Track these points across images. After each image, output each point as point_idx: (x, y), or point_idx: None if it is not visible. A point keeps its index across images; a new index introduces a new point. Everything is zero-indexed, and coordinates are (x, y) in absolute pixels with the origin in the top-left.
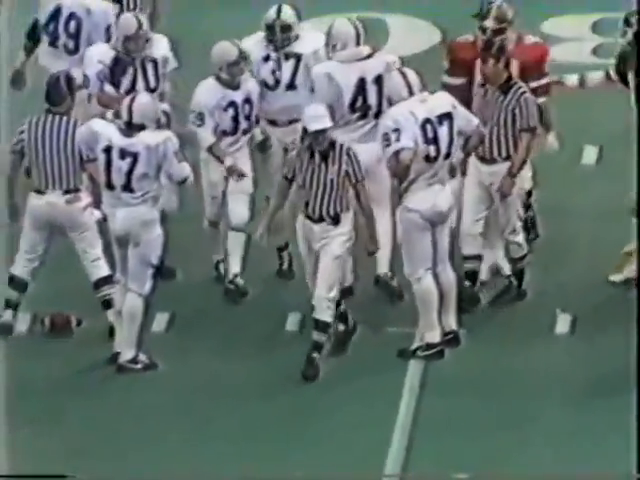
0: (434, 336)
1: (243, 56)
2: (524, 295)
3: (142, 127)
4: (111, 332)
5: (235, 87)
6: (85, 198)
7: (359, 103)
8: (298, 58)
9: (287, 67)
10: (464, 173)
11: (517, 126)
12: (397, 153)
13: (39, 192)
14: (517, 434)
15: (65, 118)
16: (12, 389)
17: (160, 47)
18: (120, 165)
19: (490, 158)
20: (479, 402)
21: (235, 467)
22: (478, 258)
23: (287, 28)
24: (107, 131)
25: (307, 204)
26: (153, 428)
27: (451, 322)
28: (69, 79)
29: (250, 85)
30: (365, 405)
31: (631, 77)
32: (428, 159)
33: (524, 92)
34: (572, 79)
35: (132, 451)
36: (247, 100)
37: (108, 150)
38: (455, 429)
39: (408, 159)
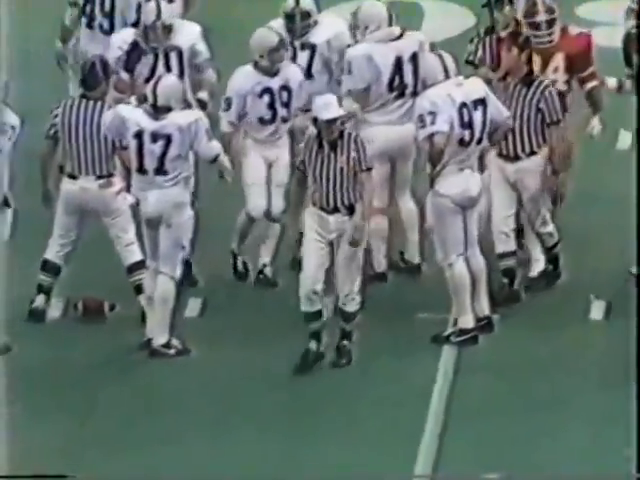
0: (467, 321)
1: (283, 43)
2: (558, 276)
3: (168, 109)
4: (143, 317)
5: (273, 74)
6: (118, 183)
7: (397, 82)
8: (313, 48)
9: (303, 57)
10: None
11: (545, 120)
12: (431, 136)
13: (72, 177)
14: (551, 419)
15: (100, 103)
16: (44, 374)
17: (189, 36)
18: (152, 149)
19: (514, 155)
20: (512, 387)
21: (264, 455)
22: (513, 255)
23: (306, 15)
24: (135, 116)
25: (320, 195)
26: (184, 414)
27: (484, 308)
28: (104, 64)
29: (290, 72)
30: (398, 391)
31: (635, 59)
32: (462, 143)
33: (547, 86)
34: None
35: (163, 436)
36: (285, 87)
37: (139, 135)
38: (488, 414)
39: (442, 143)
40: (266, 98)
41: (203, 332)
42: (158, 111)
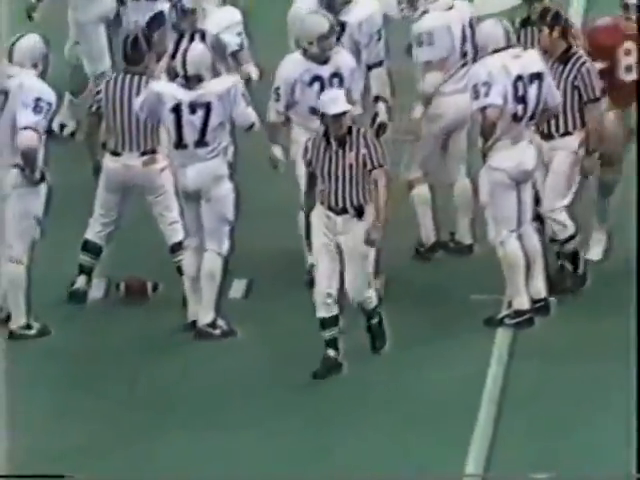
0: (522, 302)
1: (333, 29)
2: (583, 281)
3: (199, 79)
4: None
5: (323, 61)
6: (162, 160)
7: (465, 50)
8: (343, 27)
9: None
10: None
11: (582, 98)
12: (483, 109)
13: (115, 154)
14: (607, 402)
15: (144, 78)
16: (85, 357)
17: (217, 24)
18: (192, 120)
19: (548, 133)
20: (569, 371)
21: (310, 439)
22: (573, 238)
23: None
24: (170, 89)
25: (328, 195)
26: (228, 397)
27: (540, 289)
28: (147, 37)
29: (340, 59)
30: (452, 375)
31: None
32: (515, 118)
33: (585, 62)
34: None
35: (205, 420)
36: (336, 74)
37: (177, 108)
38: (543, 400)
39: (495, 117)
40: (316, 86)
41: (248, 314)
42: (190, 82)
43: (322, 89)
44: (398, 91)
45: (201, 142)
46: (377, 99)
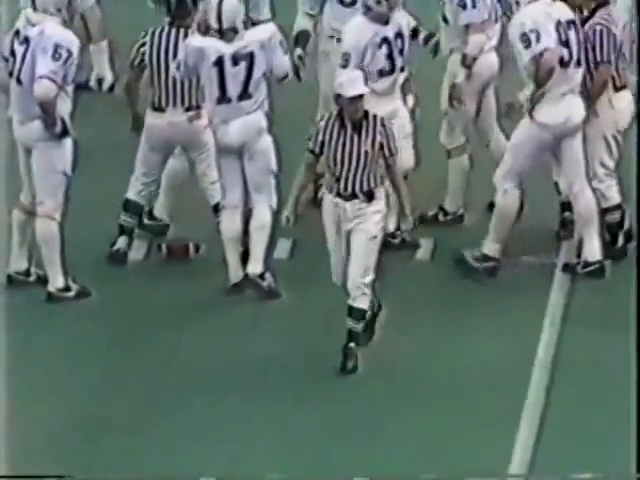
0: (494, 250)
1: None
2: (622, 254)
3: (234, 30)
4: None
5: (385, 22)
6: (205, 116)
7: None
8: None
9: None
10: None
11: (594, 59)
12: (539, 55)
13: (158, 110)
14: None
15: (189, 31)
16: (125, 320)
17: None
18: (235, 72)
19: None
20: (622, 337)
21: (359, 409)
22: (618, 208)
23: None
24: (211, 43)
25: (337, 180)
26: (270, 361)
27: (595, 251)
28: None
29: (399, 18)
30: (504, 340)
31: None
32: (562, 63)
33: (599, 23)
34: None
35: (248, 385)
36: (399, 34)
37: (220, 61)
38: (597, 365)
39: (553, 60)
40: (384, 48)
41: (292, 274)
42: (225, 35)
43: (389, 51)
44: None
45: (244, 95)
46: None
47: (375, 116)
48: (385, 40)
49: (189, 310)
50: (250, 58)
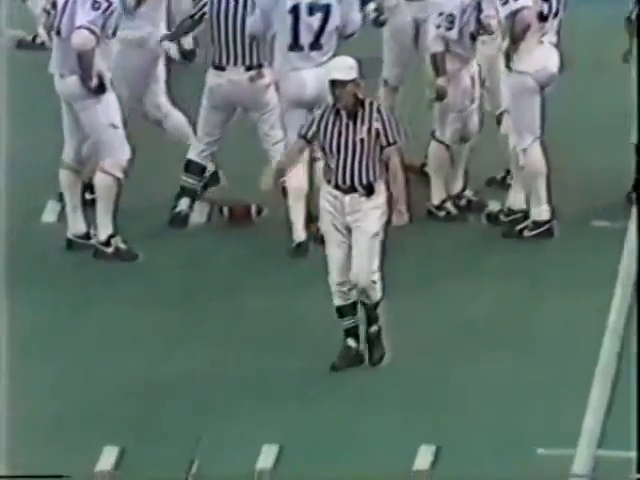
0: (541, 213)
1: None
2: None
3: None
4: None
5: None
6: (269, 75)
7: None
8: None
9: None
10: None
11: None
12: (515, 13)
13: (219, 68)
14: None
15: None
16: (187, 282)
17: None
18: (310, 22)
19: None
20: None
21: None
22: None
23: None
24: None
25: (336, 171)
26: (334, 325)
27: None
28: None
29: None
30: (576, 301)
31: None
32: (541, 17)
33: None
34: None
35: (313, 349)
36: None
37: (295, 9)
38: None
39: (529, 19)
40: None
41: None
42: None
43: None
44: None
45: (316, 45)
46: None
47: (372, 103)
48: (479, 4)
49: (252, 272)
50: (326, 10)
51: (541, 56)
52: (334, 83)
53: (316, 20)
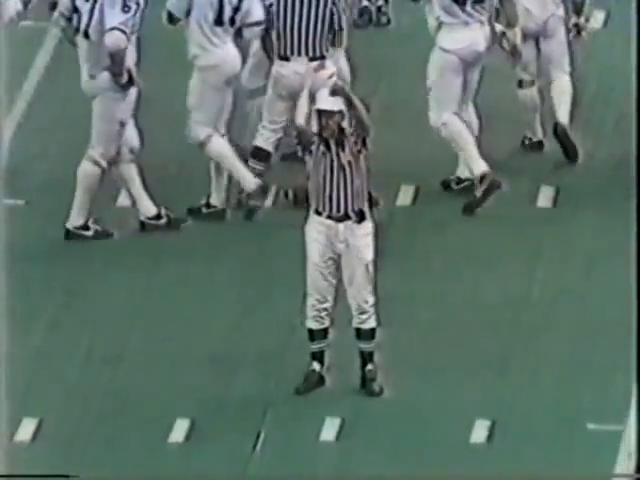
0: (480, 166)
1: None
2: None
3: None
4: None
5: None
6: (331, 66)
7: None
8: None
9: None
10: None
11: None
12: None
13: (283, 58)
14: None
15: None
16: (255, 264)
17: None
18: None
19: None
20: None
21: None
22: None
23: None
24: None
25: (330, 201)
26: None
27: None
28: None
29: None
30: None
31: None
32: (457, 1)
33: None
34: None
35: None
36: None
37: None
38: None
39: None
40: None
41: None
42: None
43: None
44: None
45: None
46: None
47: (353, 133)
48: None
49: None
50: None
51: (468, 35)
52: (320, 113)
53: None
